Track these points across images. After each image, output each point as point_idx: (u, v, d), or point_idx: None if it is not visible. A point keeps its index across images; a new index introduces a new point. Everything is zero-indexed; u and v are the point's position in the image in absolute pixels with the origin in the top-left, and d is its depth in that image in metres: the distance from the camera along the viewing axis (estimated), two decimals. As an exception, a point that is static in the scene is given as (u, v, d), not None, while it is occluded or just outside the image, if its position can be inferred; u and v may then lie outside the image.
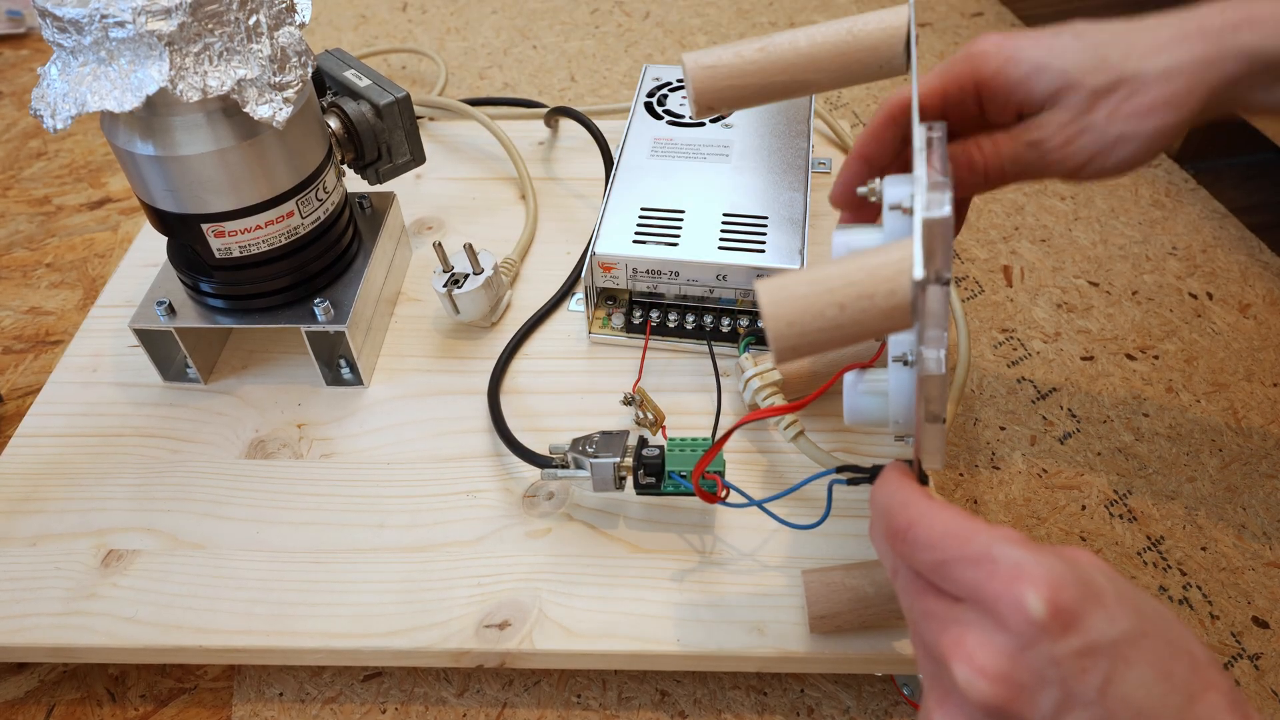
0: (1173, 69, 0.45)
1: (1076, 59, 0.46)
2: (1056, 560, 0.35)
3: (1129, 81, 0.45)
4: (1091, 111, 0.46)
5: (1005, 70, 0.47)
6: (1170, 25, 0.46)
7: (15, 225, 0.96)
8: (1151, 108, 0.45)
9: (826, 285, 0.36)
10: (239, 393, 0.70)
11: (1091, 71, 0.45)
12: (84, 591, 0.58)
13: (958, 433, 0.74)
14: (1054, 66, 0.46)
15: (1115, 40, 0.46)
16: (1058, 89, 0.46)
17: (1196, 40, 0.45)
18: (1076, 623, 0.34)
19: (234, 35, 0.55)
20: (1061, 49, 0.46)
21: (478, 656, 0.55)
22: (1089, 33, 0.46)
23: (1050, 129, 0.47)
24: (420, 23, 1.28)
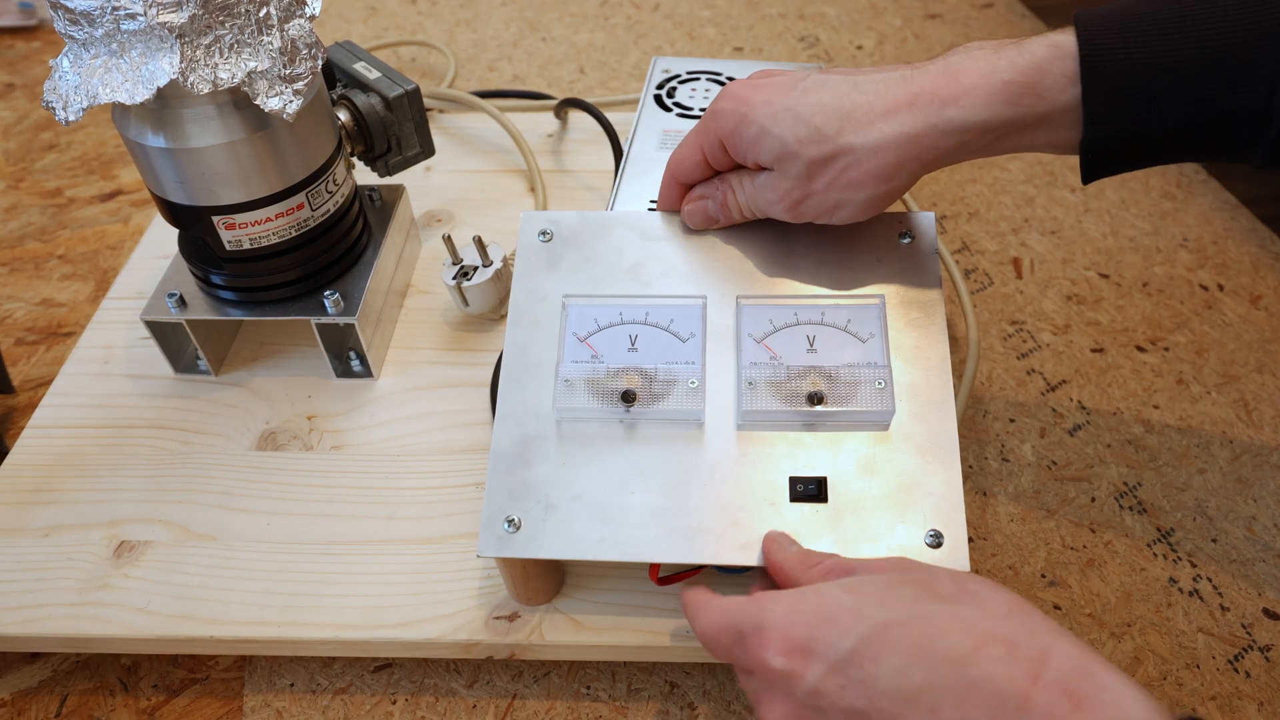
0: (882, 145, 0.48)
1: (794, 130, 0.49)
2: (794, 601, 0.41)
3: (842, 154, 0.48)
4: (811, 180, 0.50)
5: (738, 131, 0.51)
6: (891, 91, 0.48)
7: (27, 217, 0.97)
8: (863, 180, 0.49)
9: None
10: (250, 385, 0.70)
11: (808, 143, 0.48)
12: (96, 582, 0.59)
13: (967, 425, 0.74)
14: (774, 134, 0.49)
15: (834, 107, 0.48)
16: (779, 155, 0.50)
17: (907, 114, 0.47)
18: (811, 652, 0.39)
19: (244, 27, 0.55)
20: (783, 118, 0.49)
21: (487, 648, 0.56)
22: (815, 92, 0.49)
23: (778, 191, 0.51)
24: (430, 15, 1.28)
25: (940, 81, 0.47)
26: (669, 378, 0.53)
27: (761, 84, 0.51)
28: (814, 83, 0.50)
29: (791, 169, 0.50)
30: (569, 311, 0.56)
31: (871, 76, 0.49)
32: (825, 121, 0.48)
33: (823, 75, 0.50)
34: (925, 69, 0.48)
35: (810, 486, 0.51)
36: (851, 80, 0.49)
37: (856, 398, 0.52)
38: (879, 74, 0.49)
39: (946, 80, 0.47)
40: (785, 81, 0.51)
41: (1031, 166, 0.99)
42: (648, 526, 0.50)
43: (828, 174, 0.49)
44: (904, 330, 0.54)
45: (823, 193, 0.50)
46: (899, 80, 0.48)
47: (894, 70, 0.49)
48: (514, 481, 0.52)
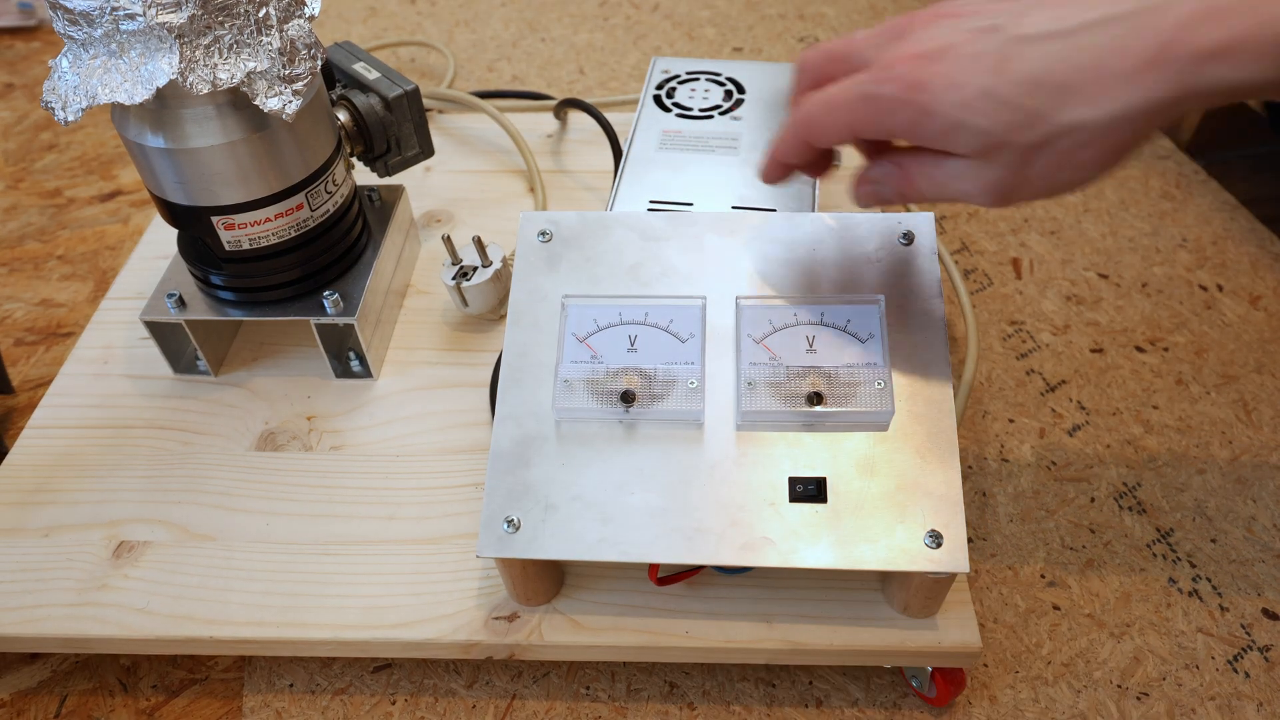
0: (1119, 118, 0.39)
1: (997, 118, 0.40)
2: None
3: (1065, 135, 0.40)
4: (1026, 166, 0.41)
5: (918, 125, 0.42)
6: (1126, 43, 0.38)
7: (27, 217, 0.97)
8: (1094, 160, 0.41)
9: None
10: (249, 385, 0.70)
11: (1019, 128, 0.40)
12: (96, 583, 0.59)
13: (967, 425, 0.74)
14: (970, 126, 0.41)
15: (1047, 81, 0.39)
16: (983, 148, 0.41)
17: (1151, 75, 0.38)
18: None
19: (244, 28, 0.55)
20: (979, 105, 0.40)
21: (487, 648, 0.56)
22: (1016, 61, 0.40)
23: (981, 181, 0.43)
24: (429, 15, 1.28)
25: (1197, 25, 0.37)
26: (668, 378, 0.53)
27: (935, 54, 0.41)
28: (1010, 44, 0.40)
29: (999, 159, 0.41)
30: (568, 312, 0.56)
31: (1089, 17, 0.39)
32: (1038, 100, 0.39)
33: (1019, 25, 0.40)
34: (1168, 6, 0.38)
35: (810, 487, 0.51)
36: (1064, 31, 0.39)
37: (856, 398, 0.52)
38: (1097, 9, 0.39)
39: (1207, 23, 0.36)
40: (968, 45, 0.41)
41: (1031, 167, 0.99)
42: (647, 527, 0.50)
43: (1046, 157, 0.41)
44: (903, 330, 0.54)
45: (1040, 178, 0.42)
46: (1134, 24, 0.38)
47: (1119, 2, 0.39)
48: (513, 482, 0.52)
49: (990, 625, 0.62)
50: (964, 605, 0.55)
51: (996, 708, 0.59)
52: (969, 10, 0.42)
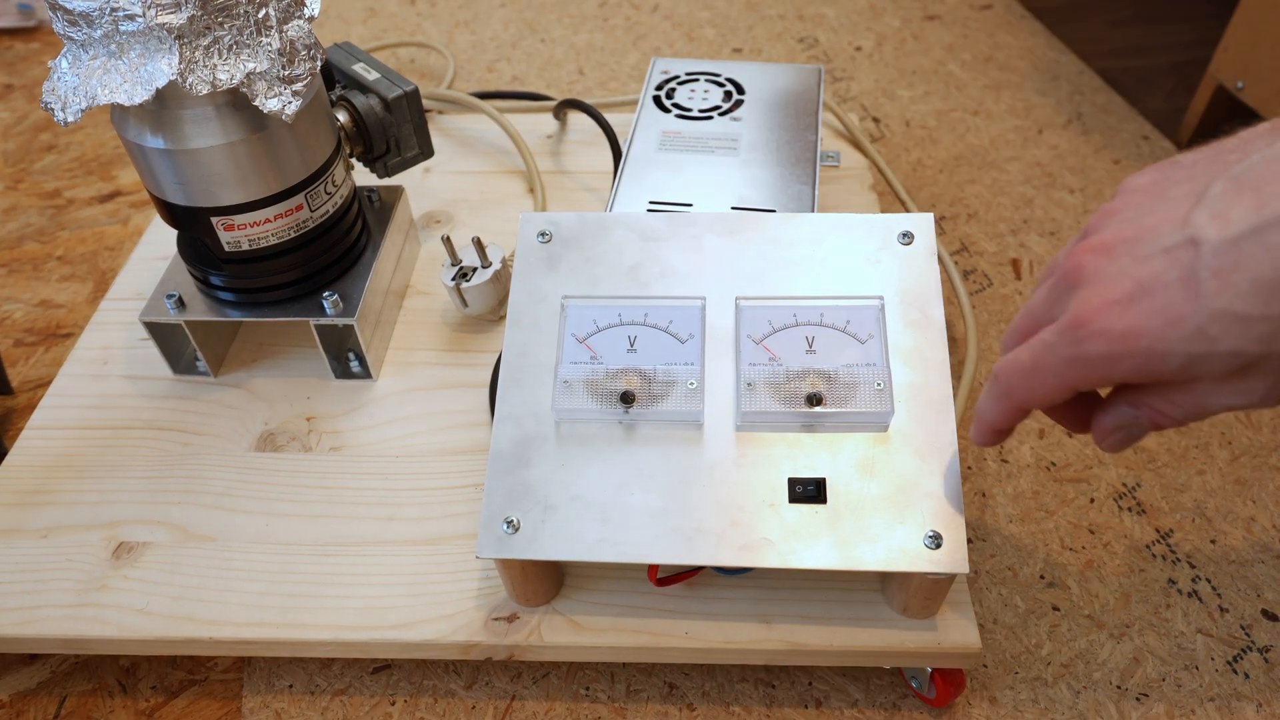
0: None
1: (1248, 334, 0.35)
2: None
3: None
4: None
5: (1147, 371, 0.38)
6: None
7: (26, 218, 0.97)
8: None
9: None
10: (248, 386, 0.70)
11: (1271, 338, 0.35)
12: (95, 583, 0.59)
13: (966, 426, 0.74)
14: (1220, 353, 0.36)
15: (1274, 281, 0.34)
16: (1239, 367, 0.36)
17: None
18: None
19: (243, 28, 0.55)
20: (1213, 333, 0.35)
21: (486, 649, 0.56)
22: (1234, 280, 0.35)
23: (1251, 396, 0.38)
24: (429, 16, 1.28)
25: None
26: (668, 379, 0.53)
27: (1136, 294, 0.37)
28: (1219, 254, 0.35)
29: (1262, 369, 0.36)
30: (568, 312, 0.56)
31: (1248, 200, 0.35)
32: (1275, 303, 0.34)
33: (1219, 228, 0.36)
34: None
35: (809, 487, 0.51)
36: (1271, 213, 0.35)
37: (855, 399, 0.52)
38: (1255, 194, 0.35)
39: None
40: (1168, 273, 0.36)
41: (1030, 168, 0.99)
42: (647, 527, 0.50)
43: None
44: (903, 331, 0.54)
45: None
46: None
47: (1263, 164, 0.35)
48: (513, 482, 0.52)
49: (990, 626, 0.62)
50: (963, 606, 0.55)
51: (996, 709, 0.59)
52: (1141, 229, 0.38)
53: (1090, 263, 0.39)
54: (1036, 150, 1.01)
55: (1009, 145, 1.02)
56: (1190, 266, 0.36)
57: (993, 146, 1.02)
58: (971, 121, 1.06)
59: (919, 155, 1.01)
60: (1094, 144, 1.02)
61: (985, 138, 1.03)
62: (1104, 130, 1.04)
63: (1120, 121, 1.05)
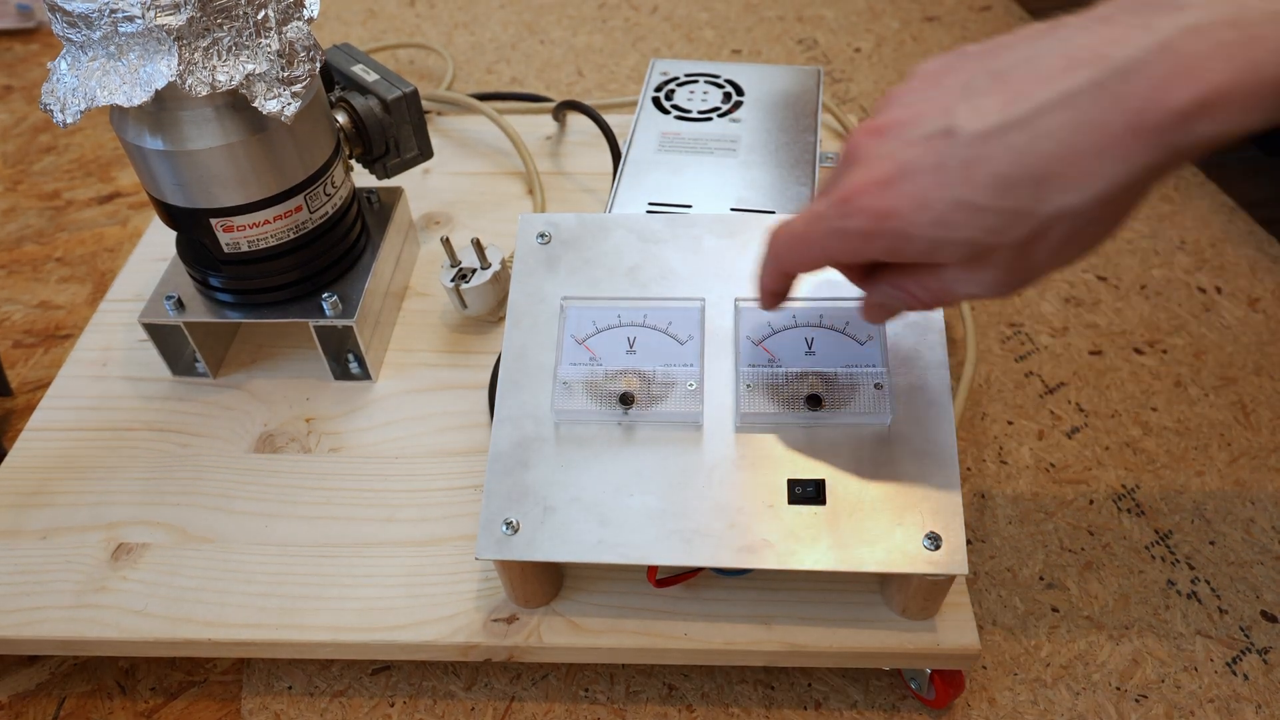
0: (1106, 195, 0.35)
1: (979, 224, 0.37)
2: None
3: (1057, 223, 0.37)
4: (1027, 258, 0.38)
5: (898, 250, 0.40)
6: (1095, 115, 0.35)
7: (25, 220, 0.97)
8: (1094, 236, 0.38)
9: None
10: (247, 387, 0.70)
11: (1005, 230, 0.37)
12: (94, 585, 0.59)
13: (965, 427, 0.74)
14: (955, 239, 0.38)
15: (1020, 175, 0.36)
16: (973, 256, 0.39)
17: (1132, 147, 0.34)
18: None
19: (242, 30, 0.55)
20: (955, 218, 0.38)
21: (485, 650, 0.56)
22: (980, 163, 0.37)
23: (985, 284, 0.40)
24: (428, 17, 1.28)
25: (1171, 85, 0.33)
26: (667, 380, 0.53)
27: (895, 176, 0.39)
28: (969, 145, 0.37)
29: (993, 261, 0.39)
30: (567, 314, 0.56)
31: (1046, 96, 0.36)
32: (1016, 199, 0.36)
33: (971, 121, 0.37)
34: (1135, 63, 0.34)
35: (808, 489, 0.51)
36: (1022, 119, 0.36)
37: (854, 400, 0.52)
38: (1053, 85, 0.36)
39: (1181, 81, 0.33)
40: (926, 158, 0.38)
41: (1029, 169, 0.99)
42: (646, 529, 0.50)
43: (1043, 246, 0.38)
44: (902, 333, 0.54)
45: (1044, 263, 0.39)
46: (1098, 97, 0.35)
47: (1076, 68, 0.35)
48: (512, 484, 0.52)
49: (989, 627, 0.62)
50: (963, 607, 0.55)
51: (995, 710, 0.59)
52: (912, 114, 0.40)
53: (863, 144, 0.41)
54: (1035, 152, 1.01)
55: (1008, 147, 1.02)
56: (943, 155, 0.38)
57: (992, 148, 1.02)
58: (970, 123, 1.06)
59: (918, 157, 1.01)
60: (1093, 145, 1.02)
61: (984, 139, 1.03)
62: (1103, 132, 1.03)
63: (1119, 123, 1.05)
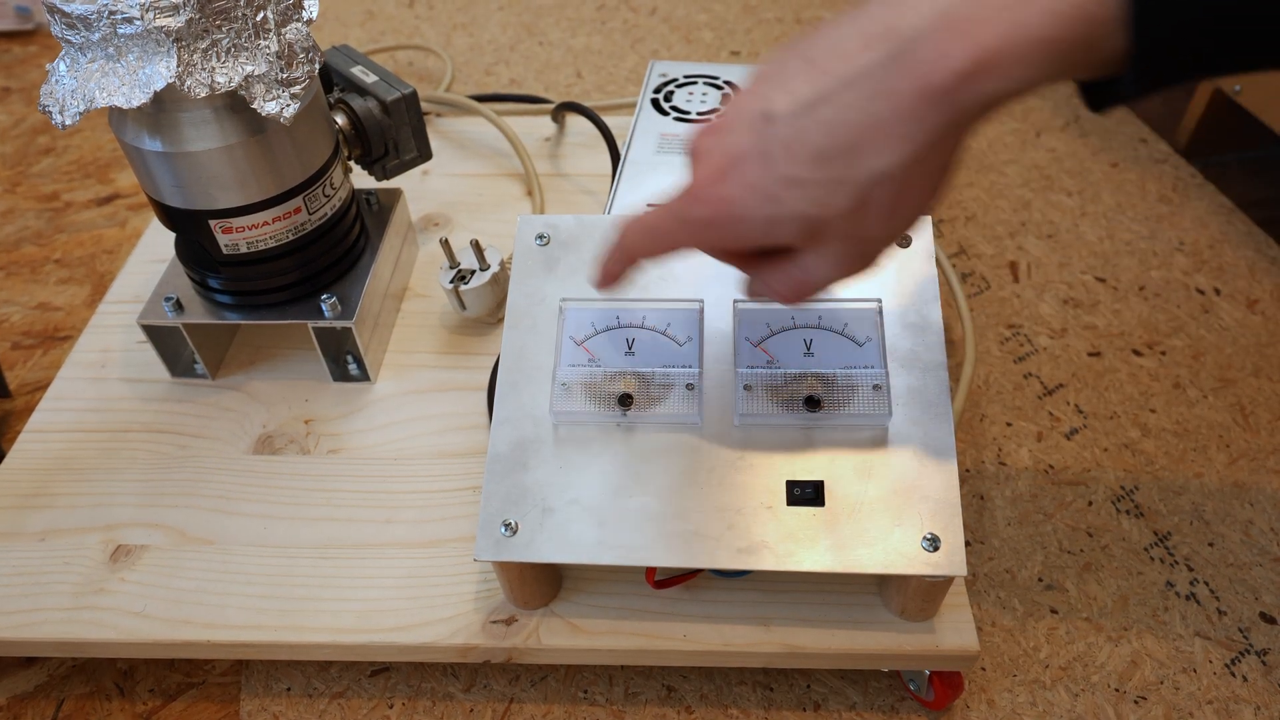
0: (913, 156, 0.38)
1: (806, 198, 0.40)
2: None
3: (877, 185, 0.39)
4: (859, 227, 0.41)
5: (740, 235, 0.42)
6: (884, 85, 0.37)
7: (24, 221, 0.97)
8: (919, 191, 0.40)
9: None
10: (246, 388, 0.70)
11: (829, 201, 0.40)
12: (93, 586, 0.59)
13: (964, 428, 0.74)
14: (788, 216, 0.40)
15: (831, 146, 0.39)
16: (809, 231, 0.41)
17: (924, 112, 0.37)
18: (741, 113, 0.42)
19: (241, 31, 0.55)
20: (784, 195, 0.40)
21: (484, 652, 0.56)
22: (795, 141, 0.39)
23: (832, 264, 0.42)
24: (427, 19, 1.28)
25: (947, 51, 0.36)
26: (666, 381, 0.53)
27: (729, 165, 0.42)
28: (786, 125, 0.40)
29: (830, 234, 0.41)
30: (566, 315, 0.56)
31: (846, 71, 0.39)
32: (833, 169, 0.39)
33: (786, 102, 0.40)
34: (919, 33, 0.37)
35: (807, 490, 0.51)
36: (827, 94, 0.39)
37: (853, 402, 0.52)
38: (853, 62, 0.39)
39: (955, 46, 0.36)
40: (752, 145, 0.41)
41: (1028, 170, 0.99)
42: (644, 530, 0.50)
43: (872, 212, 0.40)
44: (900, 334, 0.54)
45: (881, 229, 0.41)
46: (889, 69, 0.37)
47: (872, 45, 0.38)
48: (511, 485, 0.52)
49: (988, 629, 0.62)
50: (961, 609, 0.55)
51: (994, 711, 0.59)
52: (739, 108, 0.42)
53: (701, 143, 0.44)
54: (1034, 153, 1.01)
55: (1007, 148, 1.02)
56: (765, 139, 0.40)
57: (990, 149, 1.02)
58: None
59: (917, 158, 1.01)
60: (1092, 147, 1.02)
61: (983, 140, 1.03)
62: (1102, 133, 1.04)
63: (1118, 125, 1.05)
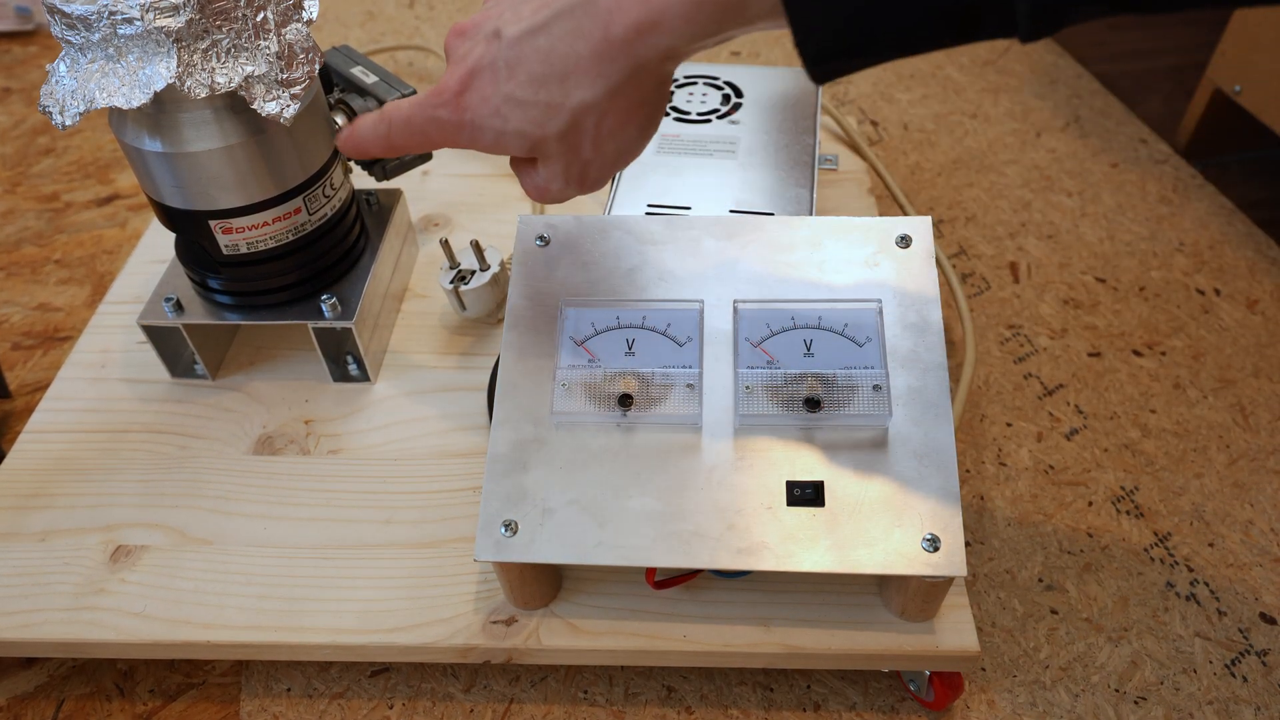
0: (610, 92, 0.43)
1: (526, 117, 0.45)
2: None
3: (584, 114, 0.44)
4: (576, 149, 0.46)
5: (477, 140, 0.47)
6: (580, 30, 0.42)
7: (24, 222, 0.97)
8: (624, 124, 0.45)
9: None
10: (246, 389, 0.70)
11: (546, 121, 0.45)
12: (93, 587, 0.59)
13: (964, 429, 0.74)
14: (512, 131, 0.45)
15: (547, 74, 0.43)
16: (531, 147, 0.46)
17: (609, 57, 0.42)
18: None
19: (241, 32, 0.55)
20: (508, 111, 0.45)
21: (484, 652, 0.56)
22: (521, 64, 0.44)
23: (558, 175, 0.47)
24: (427, 19, 1.28)
25: (624, 7, 0.41)
26: (666, 382, 0.53)
27: (469, 74, 0.46)
28: (511, 47, 0.44)
29: (551, 151, 0.46)
30: (566, 316, 0.56)
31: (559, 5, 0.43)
32: (548, 93, 0.44)
33: (512, 25, 0.44)
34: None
35: (807, 490, 0.51)
36: (543, 25, 0.43)
37: (853, 402, 0.52)
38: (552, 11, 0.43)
39: (632, 2, 0.41)
40: (485, 58, 0.45)
41: (1028, 171, 0.99)
42: (644, 531, 0.50)
43: (585, 136, 0.45)
44: (901, 334, 0.54)
45: (597, 154, 0.46)
46: (583, 13, 0.42)
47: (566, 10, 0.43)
48: (511, 486, 0.52)
49: (988, 629, 0.62)
50: (962, 609, 0.55)
51: (994, 712, 0.59)
52: (483, 18, 0.46)
53: (452, 44, 0.48)
54: (1034, 153, 1.01)
55: (1007, 148, 1.02)
56: (495, 55, 0.45)
57: (991, 150, 1.02)
58: (969, 125, 1.06)
59: (917, 158, 1.02)
60: (1092, 147, 1.02)
61: (983, 141, 1.03)
62: (1102, 134, 1.04)
63: (1118, 125, 1.05)
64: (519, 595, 0.55)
